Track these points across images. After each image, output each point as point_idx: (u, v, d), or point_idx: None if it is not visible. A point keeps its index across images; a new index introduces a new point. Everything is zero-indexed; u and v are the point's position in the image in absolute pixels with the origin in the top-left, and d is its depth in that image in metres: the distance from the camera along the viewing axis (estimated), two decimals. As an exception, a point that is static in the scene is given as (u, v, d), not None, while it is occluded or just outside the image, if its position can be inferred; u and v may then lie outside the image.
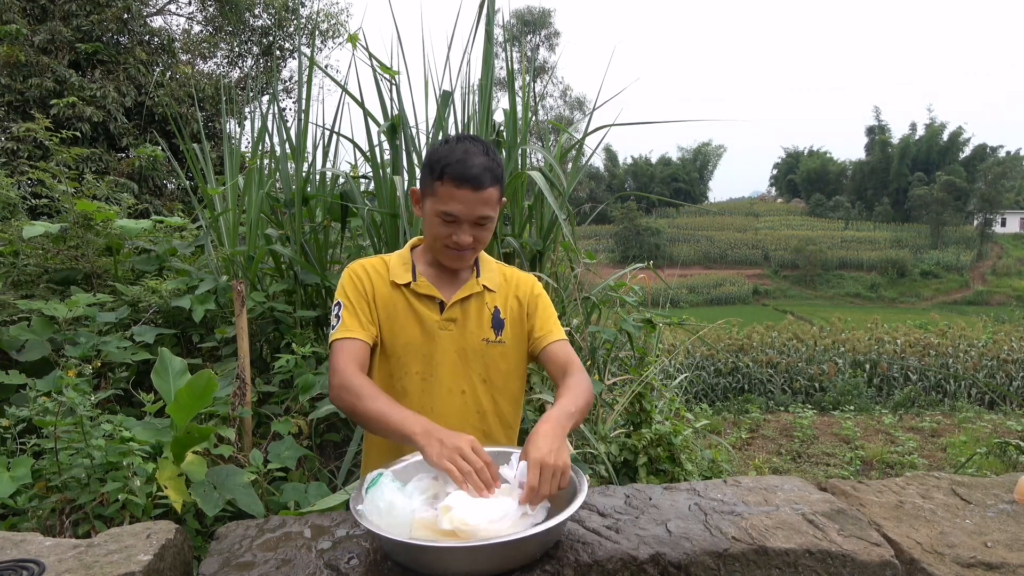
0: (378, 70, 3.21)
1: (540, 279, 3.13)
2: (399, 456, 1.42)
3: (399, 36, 3.26)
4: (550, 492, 1.21)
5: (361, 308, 1.57)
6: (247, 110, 4.57)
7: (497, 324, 1.63)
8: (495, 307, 1.64)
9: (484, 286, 1.64)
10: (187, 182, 4.82)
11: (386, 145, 3.29)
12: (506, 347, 1.64)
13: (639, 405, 3.39)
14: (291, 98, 11.72)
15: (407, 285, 1.60)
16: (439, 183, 1.48)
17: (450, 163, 1.47)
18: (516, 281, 1.70)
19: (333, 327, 1.58)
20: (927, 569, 1.24)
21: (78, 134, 6.95)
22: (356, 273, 1.61)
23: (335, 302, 1.61)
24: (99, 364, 2.55)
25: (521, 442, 1.75)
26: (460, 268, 1.63)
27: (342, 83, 3.33)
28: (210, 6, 12.42)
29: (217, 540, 1.28)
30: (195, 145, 3.81)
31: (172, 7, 12.67)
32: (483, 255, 1.72)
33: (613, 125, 3.38)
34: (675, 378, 5.73)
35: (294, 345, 2.71)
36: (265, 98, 5.66)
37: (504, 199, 1.63)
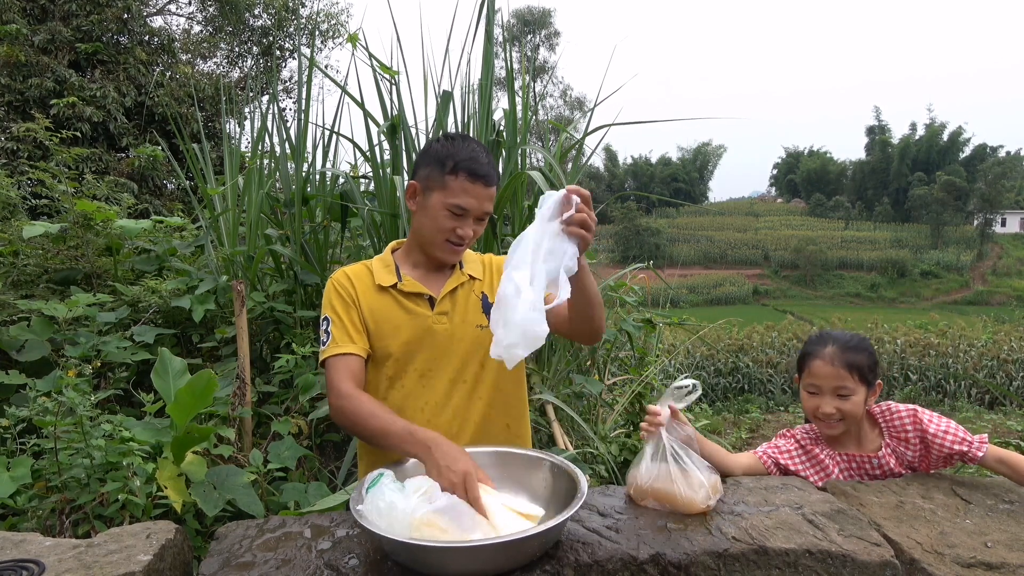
0: (378, 70, 3.21)
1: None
2: (393, 458, 1.42)
3: (399, 36, 3.26)
4: (579, 214, 1.27)
5: (350, 320, 1.57)
6: (247, 110, 4.55)
7: (487, 309, 1.64)
8: (482, 293, 1.66)
9: (469, 275, 1.67)
10: (187, 182, 4.80)
11: (386, 145, 3.29)
12: None
13: (639, 405, 3.38)
14: (291, 98, 11.73)
15: (393, 287, 1.61)
16: (451, 177, 1.51)
17: (463, 159, 1.51)
18: (497, 266, 1.73)
19: (324, 344, 1.56)
20: (927, 569, 1.24)
21: (78, 134, 6.96)
22: (340, 282, 1.62)
23: (323, 317, 1.60)
24: (99, 364, 2.54)
25: (526, 436, 1.76)
26: (452, 262, 1.65)
27: (342, 83, 3.33)
28: (210, 6, 12.43)
29: (217, 540, 1.28)
30: (195, 145, 3.80)
31: (172, 7, 12.71)
32: None
33: (613, 124, 3.37)
34: (675, 378, 5.73)
35: (294, 345, 2.71)
36: (265, 98, 5.65)
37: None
